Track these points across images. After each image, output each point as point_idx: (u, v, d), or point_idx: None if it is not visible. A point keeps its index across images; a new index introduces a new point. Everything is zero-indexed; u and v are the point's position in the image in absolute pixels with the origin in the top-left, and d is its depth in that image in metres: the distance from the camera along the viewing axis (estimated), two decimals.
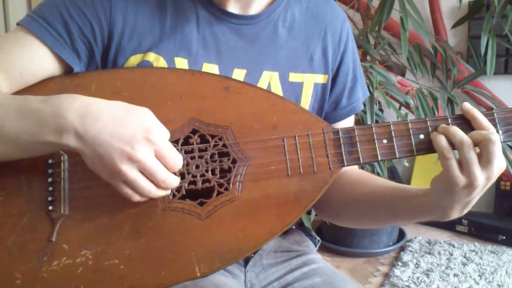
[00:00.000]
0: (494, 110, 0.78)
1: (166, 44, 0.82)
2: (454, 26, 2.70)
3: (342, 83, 0.95)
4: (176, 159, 0.72)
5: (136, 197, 0.72)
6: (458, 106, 2.14)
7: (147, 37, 0.82)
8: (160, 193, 0.73)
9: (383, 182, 0.91)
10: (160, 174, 0.70)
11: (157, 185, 0.71)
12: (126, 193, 0.71)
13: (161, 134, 0.71)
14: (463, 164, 0.73)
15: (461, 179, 0.73)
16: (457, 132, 0.74)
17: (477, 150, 0.74)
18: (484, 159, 0.72)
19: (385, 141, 0.79)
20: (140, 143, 0.69)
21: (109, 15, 0.80)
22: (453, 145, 0.75)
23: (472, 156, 0.72)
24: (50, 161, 0.77)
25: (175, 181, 0.73)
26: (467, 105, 0.77)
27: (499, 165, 0.73)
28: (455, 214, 0.78)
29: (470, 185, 0.73)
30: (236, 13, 0.86)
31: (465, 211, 0.78)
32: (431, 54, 2.30)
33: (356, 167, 0.99)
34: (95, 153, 0.69)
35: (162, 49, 0.82)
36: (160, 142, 0.70)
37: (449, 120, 0.78)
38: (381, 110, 2.63)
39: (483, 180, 0.73)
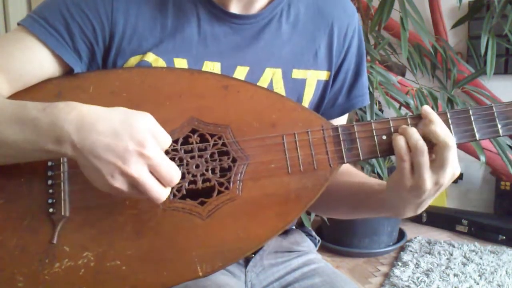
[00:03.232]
0: (492, 104, 0.78)
1: (166, 45, 0.82)
2: (454, 26, 2.70)
3: (341, 80, 0.94)
4: (172, 174, 0.69)
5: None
6: (458, 106, 2.14)
7: (147, 39, 0.82)
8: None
9: (353, 175, 0.93)
10: (151, 191, 0.68)
11: (151, 200, 0.69)
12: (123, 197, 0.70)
13: (156, 148, 0.68)
14: (414, 167, 0.74)
15: (409, 181, 0.74)
16: (413, 134, 0.74)
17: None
18: (437, 163, 0.73)
19: (384, 137, 0.79)
20: (132, 158, 0.66)
21: (111, 15, 0.80)
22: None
23: (423, 160, 0.73)
24: (50, 163, 0.77)
25: (166, 195, 0.70)
26: (427, 108, 0.77)
27: (452, 171, 0.73)
28: (408, 213, 0.80)
29: (418, 188, 0.74)
30: (237, 13, 0.85)
31: (419, 211, 0.79)
32: (431, 54, 2.30)
33: None
34: (90, 164, 0.68)
35: (162, 50, 0.82)
36: (154, 157, 0.67)
37: (449, 117, 0.78)
38: (381, 110, 2.63)
39: (431, 185, 0.73)
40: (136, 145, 0.67)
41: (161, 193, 0.69)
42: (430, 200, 0.77)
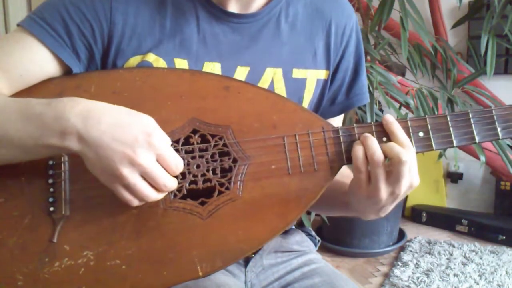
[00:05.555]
0: (492, 108, 0.78)
1: (165, 46, 0.82)
2: (454, 26, 2.71)
3: (340, 79, 0.95)
4: (177, 162, 0.72)
5: (135, 202, 0.72)
6: (459, 106, 2.14)
7: (147, 39, 0.82)
8: (160, 196, 0.73)
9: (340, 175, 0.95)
10: (161, 178, 0.71)
11: (158, 189, 0.71)
12: (125, 198, 0.71)
13: (162, 139, 0.71)
14: (371, 178, 0.75)
15: (365, 191, 0.76)
16: (372, 145, 0.75)
17: None
18: (392, 176, 0.74)
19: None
20: (142, 147, 0.69)
21: (109, 16, 0.80)
22: None
23: (379, 172, 0.74)
24: (50, 162, 0.77)
25: (175, 184, 0.73)
26: (388, 118, 0.78)
27: (407, 184, 0.75)
28: (370, 216, 0.82)
29: (374, 197, 0.75)
30: (236, 12, 0.85)
31: (382, 214, 0.81)
32: (431, 54, 2.30)
33: None
34: (96, 156, 0.69)
35: (162, 51, 0.82)
36: (161, 146, 0.70)
37: (449, 120, 0.78)
38: (381, 110, 2.63)
39: (386, 195, 0.75)
40: (144, 135, 0.69)
41: (169, 182, 0.72)
42: (391, 206, 0.79)
